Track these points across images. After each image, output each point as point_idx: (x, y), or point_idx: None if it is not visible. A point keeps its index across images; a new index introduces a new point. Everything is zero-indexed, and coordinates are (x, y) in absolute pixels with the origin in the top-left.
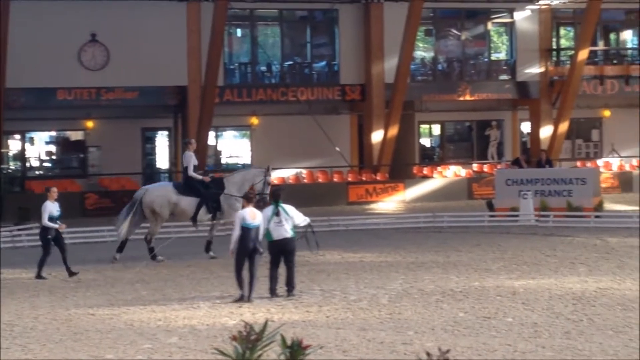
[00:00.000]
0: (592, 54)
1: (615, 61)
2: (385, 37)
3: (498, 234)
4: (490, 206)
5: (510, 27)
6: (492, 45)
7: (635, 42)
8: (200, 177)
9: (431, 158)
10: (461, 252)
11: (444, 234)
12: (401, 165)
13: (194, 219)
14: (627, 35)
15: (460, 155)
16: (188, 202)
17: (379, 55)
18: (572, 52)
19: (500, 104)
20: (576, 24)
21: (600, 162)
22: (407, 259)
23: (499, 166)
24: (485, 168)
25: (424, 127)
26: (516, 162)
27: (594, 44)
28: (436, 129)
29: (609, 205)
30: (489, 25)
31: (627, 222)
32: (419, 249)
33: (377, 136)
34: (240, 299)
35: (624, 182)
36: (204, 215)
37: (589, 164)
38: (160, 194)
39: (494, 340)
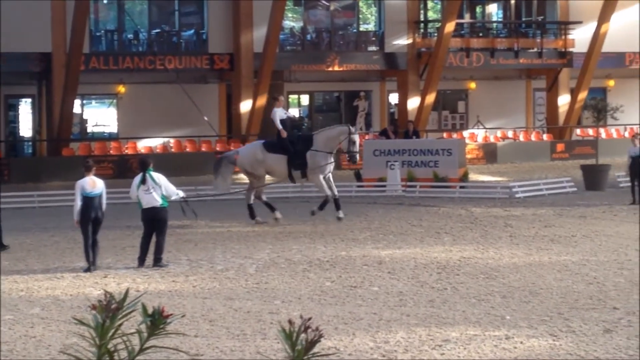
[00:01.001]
0: (459, 26)
1: (481, 34)
2: (254, 6)
3: (365, 204)
4: (358, 176)
5: None
6: (360, 16)
7: (501, 15)
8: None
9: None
10: (329, 222)
11: (312, 204)
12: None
13: (290, 176)
14: (493, 9)
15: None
16: (275, 159)
17: (248, 25)
18: (439, 24)
19: (369, 75)
20: None
21: (465, 133)
22: (275, 228)
23: (366, 137)
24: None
25: (293, 97)
26: (384, 133)
27: (461, 16)
28: (305, 99)
29: (473, 176)
30: None
31: (491, 192)
32: (287, 218)
33: (245, 106)
34: (88, 270)
35: (489, 153)
36: (293, 172)
37: (454, 135)
38: (248, 153)
39: (360, 309)
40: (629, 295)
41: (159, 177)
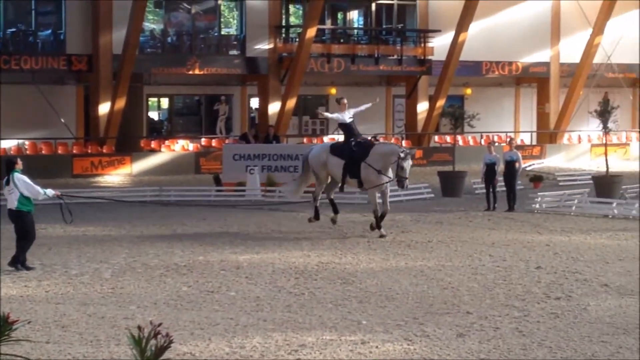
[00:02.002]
0: (320, 32)
1: (342, 40)
2: (114, 7)
3: (224, 209)
4: (217, 181)
5: (240, 3)
6: (222, 20)
7: (362, 22)
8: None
9: (159, 132)
10: (187, 226)
11: (171, 208)
12: (129, 138)
13: (341, 185)
14: (354, 15)
15: (189, 129)
16: (334, 163)
17: (107, 26)
18: (301, 29)
19: (230, 78)
20: (305, 1)
21: (326, 138)
22: (132, 232)
23: (227, 141)
24: (214, 143)
25: (153, 100)
26: (244, 137)
27: (322, 22)
28: (165, 103)
29: None
30: (220, 0)
31: (351, 198)
32: (144, 222)
33: (104, 108)
34: None
35: None
36: (349, 179)
37: (315, 141)
38: (316, 153)
39: (217, 314)
40: (482, 300)
41: (18, 178)
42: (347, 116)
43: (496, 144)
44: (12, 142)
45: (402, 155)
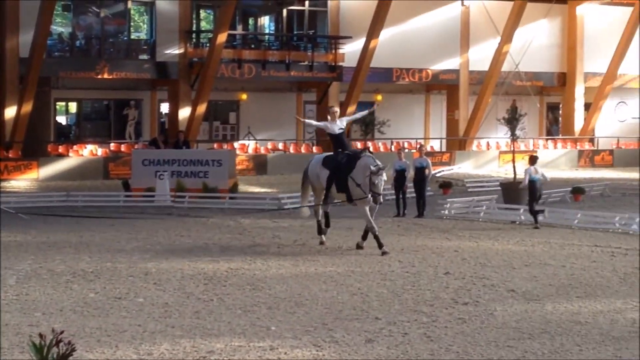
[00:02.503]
0: (231, 37)
1: (253, 46)
2: (21, 10)
3: (133, 214)
4: (126, 186)
5: (150, 7)
6: (132, 24)
7: (273, 28)
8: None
9: (67, 136)
10: (95, 232)
11: (78, 213)
12: (36, 143)
13: (324, 198)
14: (265, 21)
15: (98, 134)
16: (325, 175)
17: (14, 28)
18: (212, 34)
19: (139, 83)
20: (216, 7)
21: (236, 144)
22: (38, 238)
23: (136, 146)
24: (123, 148)
25: (61, 105)
26: (153, 143)
27: (233, 27)
28: (73, 107)
29: (243, 187)
30: (129, 4)
31: (260, 203)
32: (51, 228)
33: (10, 112)
34: None
35: (259, 164)
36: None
37: (225, 146)
38: (312, 165)
39: (124, 321)
40: (391, 305)
41: None
42: (336, 127)
43: (406, 150)
44: None
45: (373, 169)
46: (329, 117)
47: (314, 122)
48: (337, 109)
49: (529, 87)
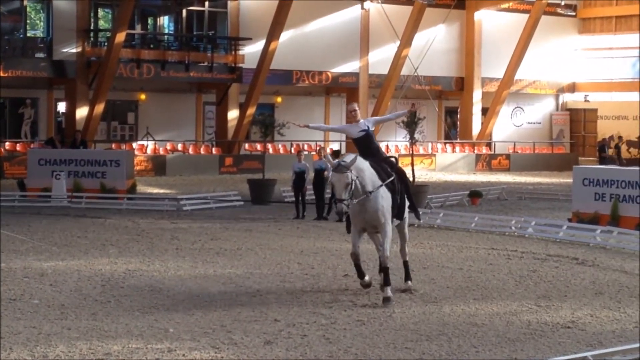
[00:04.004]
0: (130, 37)
1: (152, 46)
2: None
3: (29, 215)
4: (22, 186)
5: (47, 4)
6: (28, 21)
7: (172, 28)
8: None
9: None
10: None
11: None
12: None
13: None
14: (164, 21)
15: None
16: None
17: None
18: (110, 34)
19: (36, 82)
20: (114, 5)
21: (135, 144)
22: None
23: (32, 145)
24: (18, 147)
25: None
26: (50, 142)
27: (132, 27)
28: None
29: (142, 188)
30: (25, 1)
31: (159, 204)
32: None
33: None
34: None
35: (158, 165)
36: None
37: (123, 146)
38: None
39: (19, 323)
40: (290, 307)
41: None
42: (357, 129)
43: (305, 152)
44: None
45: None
46: (349, 118)
47: (328, 126)
48: (356, 107)
49: (428, 91)
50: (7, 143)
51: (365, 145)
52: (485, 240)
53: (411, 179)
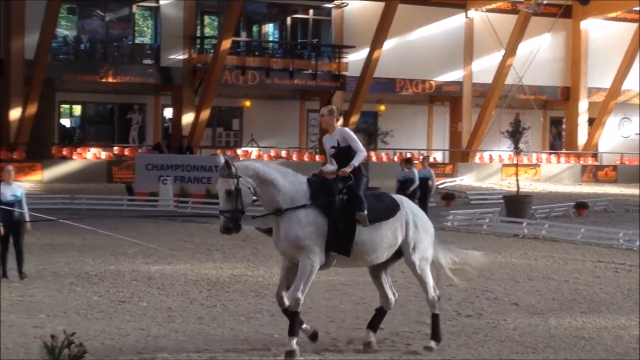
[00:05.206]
0: (235, 44)
1: (257, 53)
2: (26, 12)
3: (136, 218)
4: (129, 190)
5: (155, 12)
6: (136, 28)
7: (277, 35)
8: None
9: (71, 139)
10: (98, 236)
11: (82, 215)
12: (40, 145)
13: None
14: (269, 29)
15: (101, 137)
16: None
17: (19, 30)
18: (216, 41)
19: (143, 88)
20: (220, 13)
21: (239, 151)
22: (42, 240)
23: (139, 150)
24: (126, 152)
25: (65, 107)
26: (157, 147)
27: (237, 34)
28: (77, 110)
29: None
30: (134, 9)
31: (263, 210)
32: (55, 230)
33: (15, 114)
34: None
35: None
36: None
37: (229, 153)
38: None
39: (128, 324)
40: (394, 316)
41: None
42: (329, 143)
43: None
44: None
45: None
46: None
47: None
48: (324, 112)
49: (533, 100)
50: (115, 148)
51: (342, 163)
52: (592, 253)
53: (515, 189)
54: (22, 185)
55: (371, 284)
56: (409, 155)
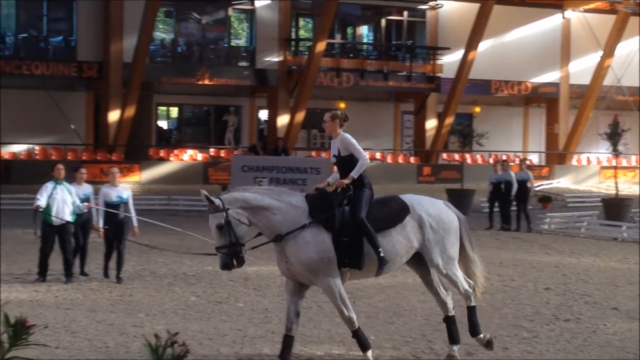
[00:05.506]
0: (330, 46)
1: (351, 55)
2: (125, 15)
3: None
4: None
5: (250, 14)
6: (232, 31)
7: (371, 37)
8: None
9: (168, 141)
10: (193, 238)
11: (179, 217)
12: (138, 147)
13: None
14: (363, 31)
15: (198, 139)
16: None
17: (118, 33)
18: (310, 43)
19: (239, 90)
20: (315, 15)
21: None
22: (140, 241)
23: (235, 152)
24: (222, 153)
25: (162, 109)
26: (252, 149)
27: (332, 36)
28: (174, 112)
29: None
30: (230, 11)
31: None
32: (152, 230)
33: (113, 116)
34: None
35: None
36: None
37: (323, 154)
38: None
39: (225, 325)
40: (490, 319)
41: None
42: (333, 150)
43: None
44: (23, 147)
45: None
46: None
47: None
48: (327, 119)
49: (632, 102)
50: (211, 149)
51: (344, 172)
52: None
53: (614, 192)
54: (128, 188)
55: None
56: (504, 158)
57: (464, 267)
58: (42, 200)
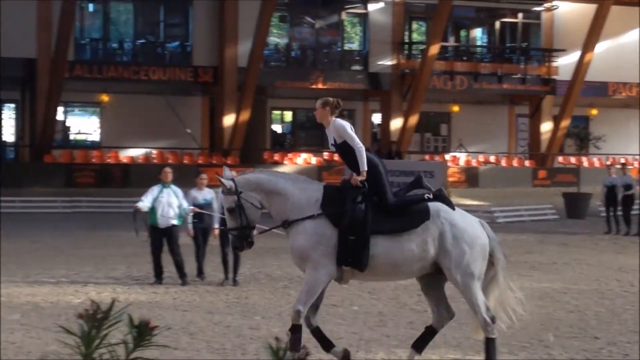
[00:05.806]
0: (443, 49)
1: (465, 58)
2: (239, 21)
3: None
4: None
5: (363, 18)
6: (345, 35)
7: (485, 40)
8: None
9: (282, 144)
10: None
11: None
12: (252, 150)
13: None
14: (477, 33)
15: (312, 142)
16: None
17: (232, 39)
18: (424, 46)
19: (352, 94)
20: (428, 18)
21: (447, 156)
22: (256, 244)
23: None
24: (336, 157)
25: (276, 113)
26: None
27: (445, 39)
28: (288, 116)
29: (455, 199)
30: (343, 15)
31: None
32: (267, 234)
33: (228, 120)
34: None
35: (471, 177)
36: None
37: (437, 158)
38: None
39: (340, 328)
40: (610, 325)
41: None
42: (330, 139)
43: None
44: (141, 151)
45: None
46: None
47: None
48: (318, 105)
49: None
50: (325, 153)
51: (348, 161)
52: None
53: None
54: (213, 191)
55: (586, 291)
56: (622, 161)
57: (491, 294)
58: (144, 202)
